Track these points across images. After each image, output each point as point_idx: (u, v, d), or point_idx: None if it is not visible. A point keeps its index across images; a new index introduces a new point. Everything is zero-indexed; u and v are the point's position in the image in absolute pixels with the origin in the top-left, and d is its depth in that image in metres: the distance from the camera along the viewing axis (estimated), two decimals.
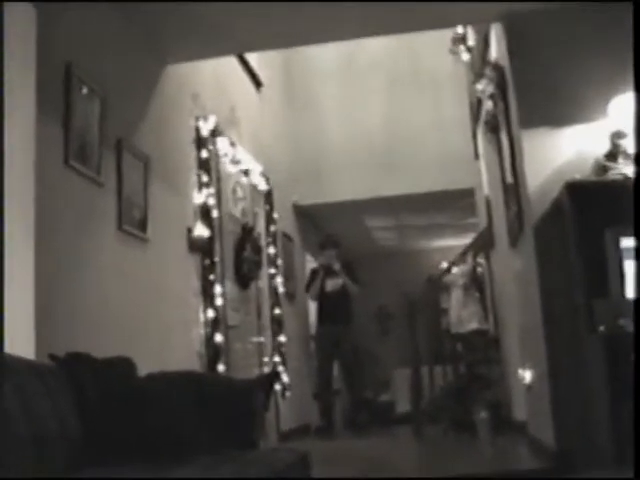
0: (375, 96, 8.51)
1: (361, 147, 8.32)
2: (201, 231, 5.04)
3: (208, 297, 5.10)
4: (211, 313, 5.08)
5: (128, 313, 3.94)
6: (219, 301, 5.18)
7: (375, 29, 5.02)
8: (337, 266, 7.70)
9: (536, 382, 4.55)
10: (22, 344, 2.64)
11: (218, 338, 5.06)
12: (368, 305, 10.22)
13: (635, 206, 2.81)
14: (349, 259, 8.18)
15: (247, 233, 6.26)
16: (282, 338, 6.96)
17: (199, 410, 2.94)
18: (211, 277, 5.13)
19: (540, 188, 4.05)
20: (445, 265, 8.03)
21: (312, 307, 8.53)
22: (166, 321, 4.48)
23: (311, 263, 8.90)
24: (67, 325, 3.28)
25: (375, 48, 8.00)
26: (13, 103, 2.76)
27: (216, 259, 5.22)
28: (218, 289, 5.18)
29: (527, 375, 4.76)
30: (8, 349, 2.34)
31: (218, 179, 5.63)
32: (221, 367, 5.04)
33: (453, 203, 8.70)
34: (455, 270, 7.71)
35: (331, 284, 7.70)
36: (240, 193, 6.38)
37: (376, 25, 4.78)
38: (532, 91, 4.23)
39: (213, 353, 5.01)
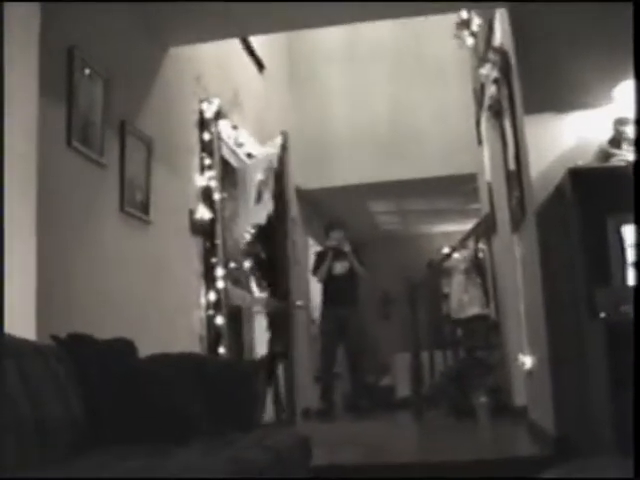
0: (379, 80, 8.46)
1: (364, 131, 8.29)
2: (203, 213, 5.06)
3: (210, 279, 5.11)
4: (212, 296, 5.09)
5: (130, 295, 3.95)
6: (220, 284, 5.19)
7: (378, 13, 4.98)
8: (347, 248, 7.65)
9: (536, 368, 4.56)
10: (23, 325, 2.65)
11: (219, 320, 5.08)
12: (369, 289, 10.22)
13: (635, 193, 2.80)
14: (354, 242, 8.15)
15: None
16: None
17: (200, 391, 2.96)
18: (213, 259, 5.14)
19: (543, 174, 4.03)
20: (446, 250, 8.03)
21: (314, 290, 8.50)
22: (168, 303, 4.49)
23: (314, 247, 8.88)
24: (68, 307, 3.29)
25: (379, 32, 7.95)
26: (15, 84, 2.75)
27: (217, 241, 5.23)
28: (220, 271, 5.19)
29: (527, 360, 4.77)
30: (9, 330, 2.34)
31: (225, 162, 5.66)
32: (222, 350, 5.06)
33: (456, 188, 8.66)
34: (456, 255, 7.71)
35: (339, 266, 7.65)
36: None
37: (379, 9, 4.74)
38: (536, 76, 4.20)
39: (215, 336, 5.03)
